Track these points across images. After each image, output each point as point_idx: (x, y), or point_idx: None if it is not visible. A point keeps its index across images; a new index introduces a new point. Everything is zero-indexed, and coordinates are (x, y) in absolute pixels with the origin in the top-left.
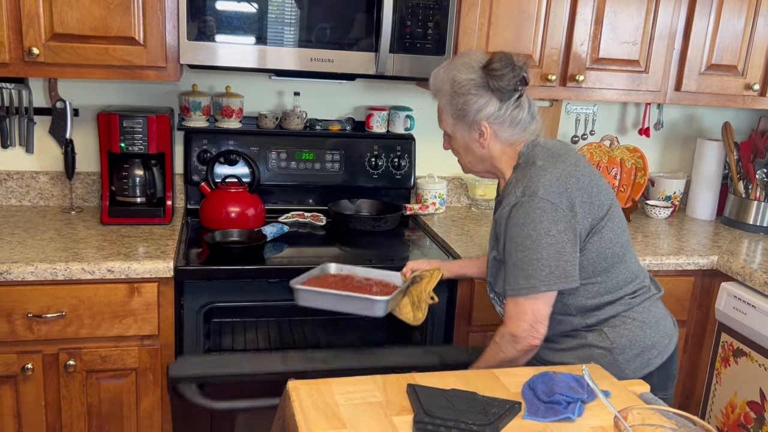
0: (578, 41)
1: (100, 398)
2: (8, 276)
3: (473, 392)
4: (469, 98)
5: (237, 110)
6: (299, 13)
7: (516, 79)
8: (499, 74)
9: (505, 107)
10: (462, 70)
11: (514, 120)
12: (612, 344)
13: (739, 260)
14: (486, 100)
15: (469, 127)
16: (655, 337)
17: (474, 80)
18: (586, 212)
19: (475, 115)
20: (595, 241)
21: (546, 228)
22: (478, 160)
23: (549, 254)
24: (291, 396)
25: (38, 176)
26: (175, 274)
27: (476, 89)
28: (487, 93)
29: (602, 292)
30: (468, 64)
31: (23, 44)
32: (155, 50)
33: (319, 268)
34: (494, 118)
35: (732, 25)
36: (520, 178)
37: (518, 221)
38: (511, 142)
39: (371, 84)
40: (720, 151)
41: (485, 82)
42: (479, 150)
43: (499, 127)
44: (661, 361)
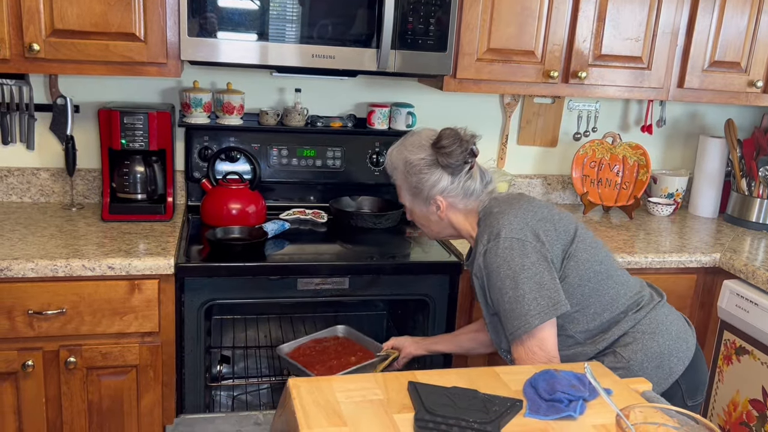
0: (581, 38)
1: (101, 395)
2: (9, 273)
3: (474, 390)
4: (422, 176)
5: (238, 107)
6: (300, 10)
7: (464, 153)
8: (448, 151)
9: (457, 180)
10: (413, 150)
11: (467, 191)
12: (629, 362)
13: (742, 258)
14: (438, 177)
15: (425, 202)
16: (669, 343)
17: (425, 159)
18: (553, 239)
19: (429, 191)
20: (572, 266)
21: (519, 264)
22: (442, 228)
23: (531, 288)
24: (291, 393)
25: (39, 173)
26: (175, 271)
27: (427, 167)
28: (438, 169)
29: (600, 311)
30: (418, 143)
31: (23, 40)
32: (156, 46)
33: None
34: (447, 192)
35: (735, 22)
36: (482, 231)
37: (492, 267)
38: (468, 209)
39: (373, 80)
40: (723, 149)
41: (435, 159)
42: (439, 221)
43: (453, 198)
44: (683, 367)
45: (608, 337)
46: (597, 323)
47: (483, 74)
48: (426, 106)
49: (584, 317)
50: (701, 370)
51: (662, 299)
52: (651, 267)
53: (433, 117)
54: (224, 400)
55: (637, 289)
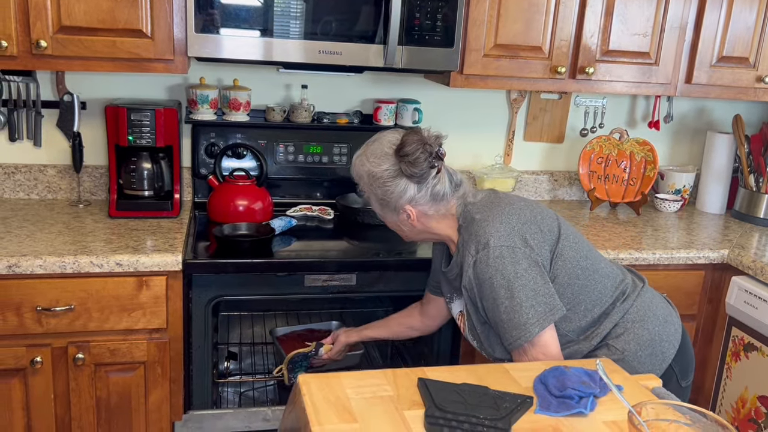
0: (588, 33)
1: (109, 391)
2: (17, 269)
3: (485, 387)
4: (387, 188)
5: (245, 103)
6: (307, 5)
7: (430, 158)
8: (412, 159)
9: (425, 187)
10: (375, 161)
11: (437, 196)
12: (623, 353)
13: (750, 254)
14: (404, 187)
15: (395, 212)
16: (658, 328)
17: (388, 170)
18: (540, 242)
19: (396, 201)
20: (560, 265)
21: (512, 272)
22: (417, 233)
23: (527, 295)
24: (302, 390)
25: (46, 169)
26: (183, 267)
27: (391, 179)
28: (404, 179)
29: (590, 307)
30: (380, 152)
31: (31, 37)
32: (163, 43)
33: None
34: (416, 201)
35: (744, 17)
36: (467, 239)
37: (484, 278)
38: (442, 213)
39: (379, 76)
40: (730, 144)
41: (399, 168)
42: (412, 228)
43: (423, 206)
44: (674, 350)
45: (600, 331)
46: (589, 319)
47: (490, 70)
48: (432, 102)
49: (576, 315)
50: (689, 350)
51: (644, 284)
52: (659, 263)
53: (440, 113)
54: (231, 396)
55: (620, 278)
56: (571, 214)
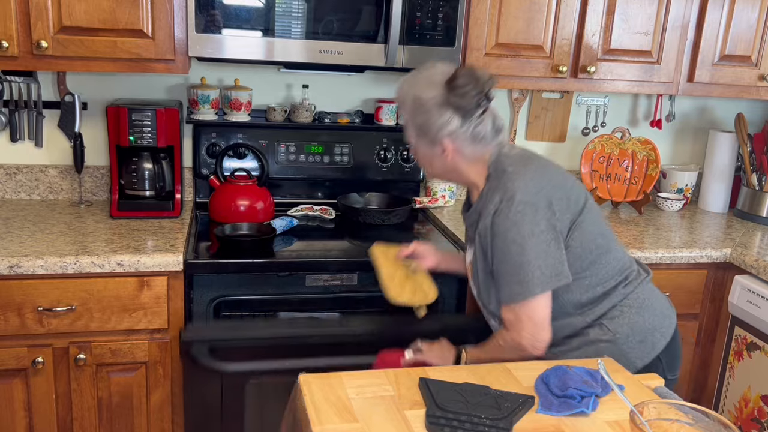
0: (590, 32)
1: (111, 392)
2: (18, 270)
3: (486, 386)
4: (430, 116)
5: (246, 103)
6: (307, 5)
7: (479, 96)
8: (462, 92)
9: (468, 124)
10: (424, 87)
11: (477, 136)
12: (615, 335)
13: (753, 253)
14: (447, 118)
15: (431, 143)
16: (655, 320)
17: (435, 98)
18: (564, 209)
19: (436, 133)
20: (576, 236)
21: (529, 230)
22: (444, 171)
23: (537, 255)
24: (302, 390)
25: (47, 170)
26: (184, 267)
27: (437, 108)
28: (449, 111)
29: (594, 284)
30: (430, 80)
31: (32, 37)
32: (164, 43)
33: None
34: (456, 135)
35: (746, 16)
36: (494, 188)
37: (501, 228)
38: (477, 156)
39: (380, 76)
40: (733, 143)
41: (447, 99)
42: (443, 164)
43: (461, 143)
44: (665, 342)
45: (598, 309)
46: (590, 295)
47: (491, 69)
48: None
49: (578, 288)
50: (678, 345)
51: (648, 275)
52: (661, 262)
53: None
54: None
55: (628, 264)
56: None
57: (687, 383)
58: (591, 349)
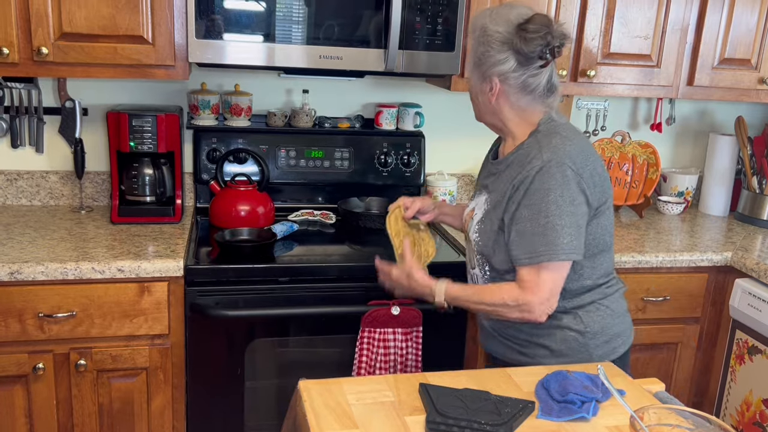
0: (589, 36)
1: (111, 397)
2: (19, 276)
3: (486, 392)
4: (490, 49)
5: (246, 108)
6: (307, 10)
7: (545, 47)
8: (529, 37)
9: (523, 70)
10: (496, 20)
11: (527, 86)
12: (585, 328)
13: (753, 256)
14: (504, 57)
15: (482, 77)
16: (621, 327)
17: (501, 34)
18: (597, 193)
19: (489, 68)
20: (594, 223)
21: (571, 196)
22: (487, 112)
23: (571, 222)
24: (302, 396)
25: (48, 176)
26: (185, 273)
27: (499, 44)
28: (509, 51)
29: (586, 276)
30: (506, 17)
31: (32, 44)
32: (164, 49)
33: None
34: (506, 77)
35: (745, 19)
36: (543, 145)
37: (543, 186)
38: (522, 107)
39: (380, 81)
40: (733, 146)
41: (512, 39)
42: (487, 103)
43: (510, 87)
44: (623, 350)
45: (577, 300)
46: (578, 285)
47: None
48: (434, 106)
49: (572, 274)
50: (629, 358)
51: (625, 288)
52: (662, 266)
53: (442, 117)
54: None
55: (612, 269)
56: None
57: (689, 387)
58: (559, 334)
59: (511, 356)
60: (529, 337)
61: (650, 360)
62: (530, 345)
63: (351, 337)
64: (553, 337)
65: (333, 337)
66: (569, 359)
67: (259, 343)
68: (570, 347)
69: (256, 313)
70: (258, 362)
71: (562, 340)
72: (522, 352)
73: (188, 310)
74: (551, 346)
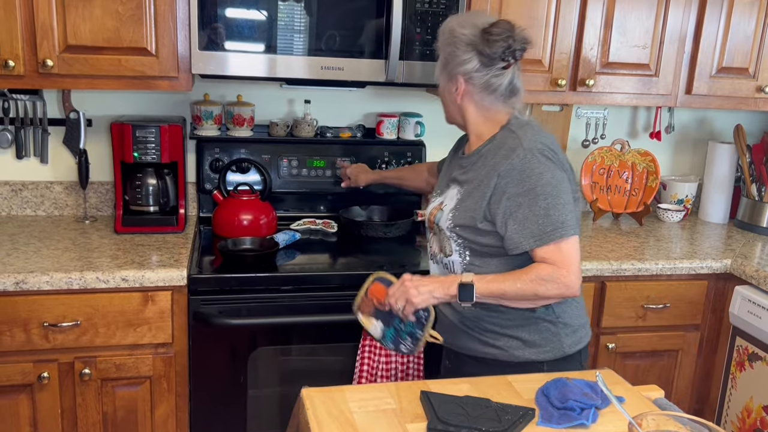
0: (588, 45)
1: (115, 406)
2: (24, 286)
3: (487, 399)
4: (456, 50)
5: (248, 119)
6: (309, 21)
7: (507, 50)
8: (492, 40)
9: (486, 71)
10: (463, 24)
11: (490, 86)
12: (557, 318)
13: (753, 263)
14: (469, 57)
15: (449, 76)
16: (585, 318)
17: (467, 36)
18: (572, 180)
19: (455, 68)
20: None
21: (560, 176)
22: (453, 112)
23: (567, 200)
24: (305, 404)
25: (53, 186)
26: (188, 282)
27: (465, 45)
28: (473, 52)
29: None
30: (472, 21)
31: (38, 56)
32: (167, 60)
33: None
34: (470, 76)
35: (743, 28)
36: (520, 135)
37: (534, 171)
38: (486, 106)
39: (381, 91)
40: (732, 154)
41: (476, 41)
42: (453, 102)
43: (473, 87)
44: (588, 340)
45: None
46: None
47: None
48: (435, 116)
49: None
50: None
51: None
52: (662, 273)
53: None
54: None
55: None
56: None
57: (690, 394)
58: (533, 325)
59: (483, 350)
60: (502, 329)
61: (651, 367)
62: (503, 337)
63: (353, 346)
64: (526, 328)
65: (335, 346)
66: (541, 349)
67: (261, 352)
68: (543, 337)
69: (258, 321)
70: (260, 370)
71: (535, 331)
72: (495, 345)
73: (191, 318)
74: (524, 337)
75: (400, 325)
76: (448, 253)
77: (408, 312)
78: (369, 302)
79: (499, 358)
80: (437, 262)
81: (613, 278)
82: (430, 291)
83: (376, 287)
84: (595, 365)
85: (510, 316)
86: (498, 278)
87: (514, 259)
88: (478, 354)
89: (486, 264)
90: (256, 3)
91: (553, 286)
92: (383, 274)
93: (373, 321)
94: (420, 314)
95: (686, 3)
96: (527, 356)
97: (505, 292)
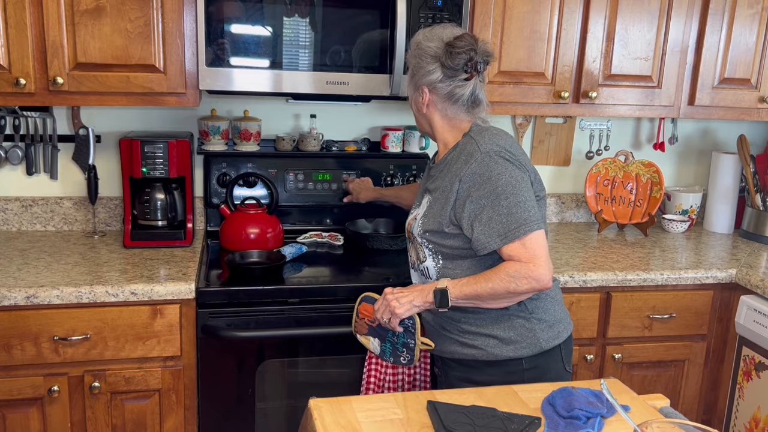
0: (590, 58)
1: (125, 419)
2: (35, 300)
3: (493, 408)
4: (421, 62)
5: (255, 133)
6: (314, 37)
7: (468, 63)
8: (455, 52)
9: (449, 82)
10: (430, 37)
11: (453, 96)
12: (530, 314)
13: (759, 273)
14: (433, 68)
15: (415, 87)
16: (562, 313)
17: (432, 49)
18: (535, 179)
19: (420, 78)
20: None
21: (519, 175)
22: (422, 121)
23: (528, 197)
24: (313, 414)
25: (62, 202)
26: (196, 295)
27: (429, 58)
28: (437, 63)
29: None
30: (439, 35)
31: (48, 74)
32: (175, 77)
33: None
34: (434, 86)
35: (744, 39)
36: (478, 140)
37: (492, 173)
38: (449, 116)
39: (386, 105)
40: (736, 164)
41: (440, 54)
42: (420, 112)
43: (437, 97)
44: (567, 335)
45: None
46: None
47: (494, 96)
48: None
49: None
50: (572, 343)
51: (558, 282)
52: (667, 284)
53: None
54: None
55: None
56: (579, 237)
57: (697, 404)
58: (506, 322)
59: (464, 351)
60: (478, 329)
61: (657, 377)
62: (480, 336)
63: (360, 357)
64: (500, 326)
65: (342, 358)
66: (518, 345)
67: (269, 364)
68: (518, 333)
69: (266, 333)
70: (268, 383)
71: (509, 328)
72: (474, 345)
73: (200, 331)
74: (500, 334)
75: (393, 338)
76: (422, 260)
77: (394, 323)
78: (362, 323)
79: (479, 358)
80: (416, 269)
81: (619, 289)
82: (410, 300)
83: (364, 307)
84: (602, 376)
85: (484, 315)
86: (470, 281)
87: (484, 260)
88: (460, 356)
89: (458, 266)
90: (262, 19)
91: (524, 282)
92: (368, 294)
93: (371, 339)
94: (406, 323)
95: (687, 15)
96: (506, 354)
97: (479, 293)
